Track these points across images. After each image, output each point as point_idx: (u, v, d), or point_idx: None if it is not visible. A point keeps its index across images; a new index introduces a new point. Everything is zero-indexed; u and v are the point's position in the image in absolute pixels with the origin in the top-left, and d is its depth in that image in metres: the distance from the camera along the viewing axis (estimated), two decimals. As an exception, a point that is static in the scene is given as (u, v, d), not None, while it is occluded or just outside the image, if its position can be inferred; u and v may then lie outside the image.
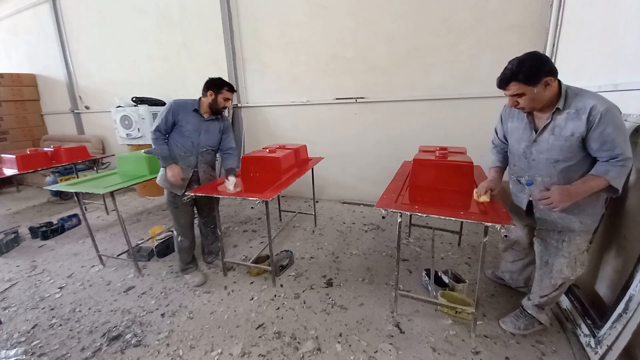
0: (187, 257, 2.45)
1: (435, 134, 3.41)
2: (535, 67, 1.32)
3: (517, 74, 1.34)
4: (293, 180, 2.46)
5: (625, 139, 1.29)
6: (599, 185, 1.32)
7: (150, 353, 1.75)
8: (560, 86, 1.39)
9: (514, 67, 1.34)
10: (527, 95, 1.36)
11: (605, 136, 1.27)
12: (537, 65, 1.32)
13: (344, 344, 1.77)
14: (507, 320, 1.82)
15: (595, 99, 1.31)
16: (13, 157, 3.42)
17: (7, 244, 3.09)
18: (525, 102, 1.39)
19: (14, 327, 2.02)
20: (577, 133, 1.34)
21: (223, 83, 2.23)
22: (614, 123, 1.27)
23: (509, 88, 1.39)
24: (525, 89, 1.35)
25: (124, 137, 4.50)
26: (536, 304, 1.72)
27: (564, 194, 1.35)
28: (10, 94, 5.82)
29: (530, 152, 1.52)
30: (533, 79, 1.32)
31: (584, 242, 1.53)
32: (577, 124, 1.33)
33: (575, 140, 1.36)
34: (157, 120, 2.19)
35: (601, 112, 1.27)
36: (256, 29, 4.00)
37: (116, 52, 5.07)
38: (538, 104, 1.40)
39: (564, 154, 1.40)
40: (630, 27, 1.79)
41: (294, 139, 4.05)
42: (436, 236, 2.92)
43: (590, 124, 1.30)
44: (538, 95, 1.35)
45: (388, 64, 3.50)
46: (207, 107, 2.25)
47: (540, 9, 2.80)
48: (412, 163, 2.09)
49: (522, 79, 1.33)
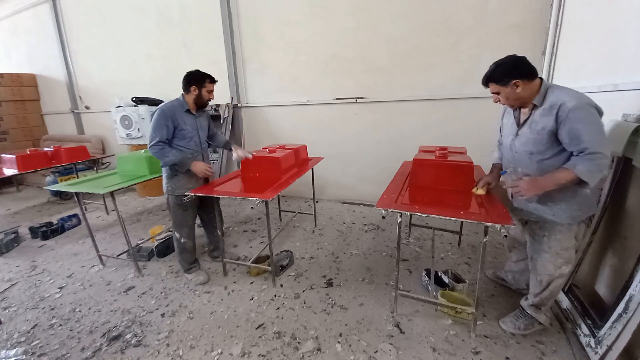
0: (191, 257, 2.46)
1: (435, 134, 3.41)
2: (506, 71, 1.48)
3: (491, 76, 1.52)
4: (293, 180, 2.46)
5: (596, 134, 1.32)
6: (567, 177, 1.37)
7: (150, 353, 1.75)
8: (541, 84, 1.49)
9: (491, 69, 1.53)
10: (502, 94, 1.53)
11: (574, 131, 1.35)
12: (508, 69, 1.48)
13: (344, 344, 1.77)
14: (507, 320, 1.83)
15: (566, 96, 1.38)
16: (13, 157, 3.43)
17: (7, 244, 3.09)
18: (502, 99, 1.56)
19: (14, 327, 2.02)
20: (547, 127, 1.43)
21: (204, 75, 2.19)
22: (582, 119, 1.33)
23: (489, 87, 1.56)
24: (499, 89, 1.52)
25: (124, 137, 4.50)
26: (532, 303, 1.73)
27: (531, 184, 1.44)
28: (10, 94, 5.82)
29: (514, 145, 1.62)
30: (502, 81, 1.49)
31: (566, 239, 1.56)
32: (548, 119, 1.42)
33: (545, 134, 1.45)
34: (154, 133, 2.09)
35: (569, 108, 1.34)
36: (256, 29, 4.00)
37: (116, 52, 5.08)
38: (514, 101, 1.54)
39: (537, 146, 1.50)
40: (630, 27, 1.79)
41: (294, 139, 4.05)
42: (436, 236, 2.92)
43: (559, 119, 1.38)
44: (511, 94, 1.50)
45: (388, 64, 3.50)
46: (193, 103, 2.24)
47: (540, 9, 2.80)
48: (412, 163, 2.10)
49: (495, 80, 1.51)
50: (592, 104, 1.36)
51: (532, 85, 1.47)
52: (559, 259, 1.58)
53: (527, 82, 1.46)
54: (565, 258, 1.57)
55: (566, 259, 1.57)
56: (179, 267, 2.62)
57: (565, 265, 1.58)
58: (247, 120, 4.43)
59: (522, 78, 1.45)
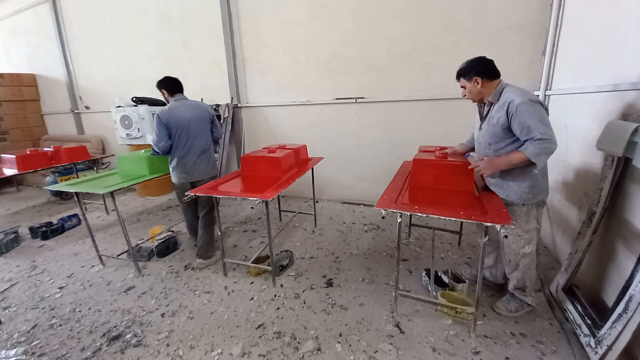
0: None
1: (435, 134, 3.41)
2: (470, 68, 1.72)
3: (461, 71, 1.77)
4: (293, 180, 2.46)
5: (541, 124, 1.51)
6: (518, 158, 1.59)
7: (150, 353, 1.75)
8: (498, 85, 1.72)
9: (461, 65, 1.77)
10: (467, 88, 1.78)
11: (522, 123, 1.56)
12: (472, 66, 1.72)
13: (344, 344, 1.77)
14: (499, 305, 1.96)
15: (514, 94, 1.60)
16: (13, 157, 3.43)
17: (7, 244, 3.09)
18: (467, 93, 1.80)
19: (14, 327, 2.02)
20: (500, 121, 1.65)
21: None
22: (527, 112, 1.54)
23: (460, 81, 1.81)
24: (464, 83, 1.78)
25: (124, 137, 4.49)
26: (514, 286, 1.89)
27: (487, 162, 1.70)
28: (10, 94, 5.82)
29: (479, 137, 1.87)
30: (467, 76, 1.74)
31: (525, 221, 1.75)
32: (501, 114, 1.64)
33: (499, 127, 1.67)
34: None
35: (517, 105, 1.56)
36: (256, 29, 4.00)
37: (116, 52, 5.08)
38: (474, 96, 1.78)
39: (492, 138, 1.74)
40: (630, 27, 1.79)
41: (294, 139, 4.05)
42: (436, 236, 2.92)
43: (509, 114, 1.60)
44: (473, 89, 1.75)
45: (388, 64, 3.50)
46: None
47: (540, 9, 2.80)
48: (412, 163, 2.09)
49: (462, 75, 1.77)
50: (535, 100, 1.58)
51: (492, 85, 1.71)
52: (521, 240, 1.77)
53: (486, 80, 1.70)
54: (526, 239, 1.76)
55: (527, 240, 1.76)
56: (179, 267, 2.62)
57: (527, 245, 1.77)
58: (247, 120, 4.43)
59: (483, 76, 1.69)
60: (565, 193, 2.42)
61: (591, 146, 1.97)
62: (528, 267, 1.82)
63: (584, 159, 2.13)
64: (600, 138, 1.74)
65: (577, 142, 2.24)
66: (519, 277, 1.85)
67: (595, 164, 1.99)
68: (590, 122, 2.08)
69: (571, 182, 2.34)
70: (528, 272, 1.83)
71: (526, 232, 1.75)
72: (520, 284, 1.87)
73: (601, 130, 1.74)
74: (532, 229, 1.76)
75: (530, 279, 1.85)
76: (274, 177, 2.45)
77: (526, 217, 1.75)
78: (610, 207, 1.76)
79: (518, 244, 1.77)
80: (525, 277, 1.84)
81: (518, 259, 1.80)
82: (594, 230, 1.82)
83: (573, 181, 2.31)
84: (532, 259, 1.82)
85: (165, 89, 2.59)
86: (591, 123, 2.07)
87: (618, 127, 1.62)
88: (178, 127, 2.42)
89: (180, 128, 2.43)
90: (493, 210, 1.58)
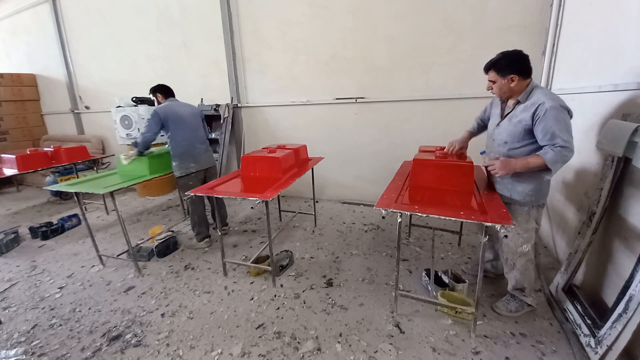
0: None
1: (435, 134, 3.40)
2: (508, 63, 1.62)
3: (495, 64, 1.65)
4: (293, 180, 2.46)
5: (566, 130, 1.50)
6: (536, 162, 1.55)
7: (150, 353, 1.75)
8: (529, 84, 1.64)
9: (496, 58, 1.65)
10: (497, 83, 1.68)
11: (547, 128, 1.51)
12: (511, 62, 1.61)
13: (344, 344, 1.77)
14: (499, 305, 1.95)
15: (545, 97, 1.54)
16: (13, 157, 3.42)
17: (7, 244, 3.09)
18: (496, 89, 1.71)
19: (14, 327, 2.02)
20: (523, 121, 1.60)
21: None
22: (555, 118, 1.49)
23: (489, 74, 1.70)
24: (496, 78, 1.67)
25: (124, 137, 4.49)
26: (513, 286, 1.89)
27: (504, 163, 1.64)
28: (10, 94, 5.82)
29: (494, 133, 1.82)
30: (502, 72, 1.63)
31: (525, 221, 1.75)
32: (526, 114, 1.59)
33: (520, 127, 1.62)
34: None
35: (546, 108, 1.50)
36: (256, 29, 4.00)
37: (116, 52, 5.07)
38: (504, 93, 1.70)
39: (510, 137, 1.69)
40: (630, 28, 1.79)
41: (294, 139, 4.05)
42: (436, 236, 2.92)
43: (536, 116, 1.54)
44: (504, 86, 1.66)
45: (388, 64, 3.50)
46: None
47: (540, 9, 2.80)
48: (412, 163, 2.09)
49: (496, 69, 1.65)
50: (565, 106, 1.53)
51: (524, 83, 1.64)
52: (519, 239, 1.76)
53: (521, 79, 1.62)
54: (525, 238, 1.76)
55: (525, 239, 1.76)
56: (179, 267, 2.62)
57: (525, 244, 1.76)
58: (247, 120, 4.43)
59: (519, 74, 1.60)
60: (565, 193, 2.42)
61: (591, 146, 1.97)
62: (525, 267, 1.82)
63: (584, 159, 2.13)
64: (600, 138, 1.74)
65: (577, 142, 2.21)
66: (517, 278, 1.85)
67: (595, 164, 1.99)
68: (590, 122, 2.08)
69: (571, 182, 2.34)
70: (525, 273, 1.83)
71: (525, 231, 1.76)
72: (518, 285, 1.87)
73: (601, 131, 1.74)
74: (531, 228, 1.77)
75: (528, 280, 1.85)
76: (274, 177, 2.45)
77: (527, 216, 1.75)
78: (610, 207, 1.76)
79: (516, 242, 1.77)
80: (522, 278, 1.84)
81: (515, 258, 1.81)
82: (593, 230, 1.82)
83: (573, 181, 2.31)
84: (529, 260, 1.81)
85: (160, 92, 2.86)
86: (591, 123, 2.07)
87: (618, 127, 1.62)
88: (178, 119, 2.69)
89: (180, 120, 2.71)
90: (493, 210, 1.58)
